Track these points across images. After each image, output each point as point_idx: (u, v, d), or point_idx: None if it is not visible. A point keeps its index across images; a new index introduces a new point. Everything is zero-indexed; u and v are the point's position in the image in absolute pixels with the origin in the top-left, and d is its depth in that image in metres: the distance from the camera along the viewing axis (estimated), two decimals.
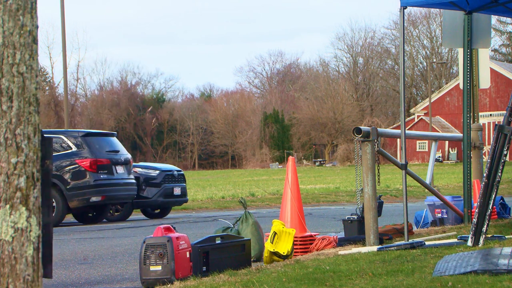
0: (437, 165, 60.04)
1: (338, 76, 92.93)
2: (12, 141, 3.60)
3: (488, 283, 5.25)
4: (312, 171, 60.59)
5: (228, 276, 6.65)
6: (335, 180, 40.17)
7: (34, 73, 3.66)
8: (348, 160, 76.11)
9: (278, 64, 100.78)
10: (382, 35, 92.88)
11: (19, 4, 3.63)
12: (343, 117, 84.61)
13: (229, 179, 48.93)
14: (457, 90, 72.62)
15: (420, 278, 5.72)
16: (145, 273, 7.01)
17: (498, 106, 72.63)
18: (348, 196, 26.41)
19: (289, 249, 7.90)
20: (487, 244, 7.52)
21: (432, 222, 11.41)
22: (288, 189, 8.64)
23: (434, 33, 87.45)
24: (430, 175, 10.86)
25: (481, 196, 7.62)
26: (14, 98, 3.60)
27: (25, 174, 3.61)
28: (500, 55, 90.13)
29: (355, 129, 8.62)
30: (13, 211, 3.59)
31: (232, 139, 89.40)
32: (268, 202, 24.85)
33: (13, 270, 3.58)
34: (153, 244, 7.02)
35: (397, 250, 7.67)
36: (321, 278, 6.05)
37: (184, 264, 7.11)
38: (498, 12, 11.16)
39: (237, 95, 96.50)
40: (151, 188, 18.49)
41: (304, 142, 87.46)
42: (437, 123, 74.16)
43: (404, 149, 9.00)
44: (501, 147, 7.66)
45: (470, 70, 10.64)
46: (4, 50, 3.60)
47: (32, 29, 3.67)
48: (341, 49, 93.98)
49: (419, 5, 9.65)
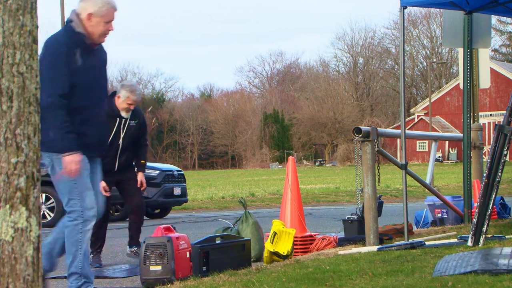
0: (437, 165, 60.05)
1: (338, 76, 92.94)
2: (12, 141, 3.60)
3: (488, 283, 5.25)
4: (312, 171, 60.60)
5: (228, 276, 6.65)
6: (335, 180, 40.17)
7: (34, 73, 3.66)
8: (348, 160, 76.12)
9: (278, 64, 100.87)
10: (382, 35, 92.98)
11: (19, 4, 3.63)
12: (343, 117, 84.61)
13: (229, 179, 48.93)
14: (457, 90, 72.62)
15: (420, 278, 5.72)
16: (145, 273, 7.01)
17: (498, 106, 72.62)
18: (348, 196, 26.41)
19: (289, 249, 7.90)
20: (487, 244, 7.52)
21: (432, 222, 11.41)
22: (288, 189, 8.64)
23: (434, 33, 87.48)
24: (430, 175, 10.86)
25: (481, 196, 7.62)
26: (14, 98, 3.60)
27: (25, 174, 3.61)
28: (500, 55, 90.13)
29: (355, 129, 8.62)
30: (13, 211, 3.59)
31: (232, 139, 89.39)
32: (268, 202, 24.85)
33: (13, 270, 3.57)
34: (153, 244, 7.03)
35: (397, 250, 7.67)
36: (321, 278, 6.06)
37: (184, 264, 7.11)
38: (498, 12, 11.16)
39: (237, 95, 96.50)
40: (151, 188, 18.46)
41: (304, 142, 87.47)
42: (437, 123, 74.16)
43: (404, 149, 9.00)
44: (501, 147, 7.66)
45: (470, 70, 10.64)
46: (4, 50, 3.60)
47: (32, 29, 3.67)
48: (341, 49, 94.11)
49: (419, 5, 9.65)
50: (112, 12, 6.17)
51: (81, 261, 6.07)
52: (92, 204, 6.11)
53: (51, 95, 5.91)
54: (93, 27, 6.10)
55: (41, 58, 5.94)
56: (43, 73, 5.81)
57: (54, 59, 5.96)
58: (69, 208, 6.12)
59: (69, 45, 6.02)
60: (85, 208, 6.08)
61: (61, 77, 5.95)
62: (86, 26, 6.10)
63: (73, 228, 6.09)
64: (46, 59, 5.96)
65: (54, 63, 5.95)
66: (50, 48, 6.02)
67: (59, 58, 5.97)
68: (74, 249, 6.07)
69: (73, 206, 6.09)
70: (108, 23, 6.15)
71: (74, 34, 6.07)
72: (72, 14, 6.15)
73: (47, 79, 5.84)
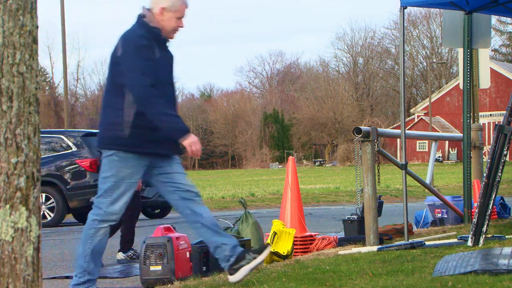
0: (437, 165, 60.04)
1: (338, 76, 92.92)
2: (12, 141, 3.60)
3: (488, 283, 5.25)
4: (312, 171, 60.58)
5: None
6: (335, 180, 40.15)
7: (34, 73, 3.66)
8: (348, 160, 76.11)
9: (278, 64, 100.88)
10: (382, 35, 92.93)
11: (19, 4, 3.63)
12: (343, 117, 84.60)
13: (229, 179, 48.91)
14: (457, 90, 72.62)
15: (420, 278, 5.72)
16: (145, 273, 7.01)
17: (498, 106, 72.62)
18: (348, 196, 26.39)
19: (289, 249, 7.90)
20: (487, 244, 7.52)
21: (432, 222, 11.41)
22: (288, 189, 8.64)
23: (434, 33, 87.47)
24: (430, 175, 10.86)
25: (481, 196, 7.62)
26: (14, 98, 3.60)
27: (25, 174, 3.61)
28: (500, 55, 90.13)
29: (355, 129, 8.62)
30: (13, 211, 3.59)
31: (232, 139, 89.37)
32: (268, 202, 24.83)
33: (13, 270, 3.57)
34: (153, 244, 7.03)
35: (397, 250, 7.67)
36: (321, 278, 6.05)
37: (184, 264, 7.11)
38: (498, 12, 11.15)
39: (237, 95, 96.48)
40: (151, 188, 18.45)
41: (304, 142, 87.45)
42: (437, 123, 74.16)
43: (404, 149, 9.00)
44: (501, 147, 7.66)
45: (470, 70, 10.64)
46: (4, 50, 3.60)
47: (32, 29, 3.67)
48: (341, 49, 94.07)
49: (419, 5, 9.64)
50: (184, 9, 6.13)
51: (88, 257, 6.05)
52: (119, 212, 6.08)
53: (145, 87, 5.86)
54: (165, 22, 6.07)
55: (123, 54, 5.93)
56: (129, 67, 5.84)
57: (138, 52, 5.91)
58: (96, 203, 6.11)
59: (148, 38, 5.98)
60: (109, 212, 6.06)
61: (148, 68, 5.90)
62: (158, 20, 6.06)
63: (90, 222, 6.08)
64: (129, 54, 5.91)
65: (139, 56, 5.90)
66: (131, 42, 5.96)
67: (143, 50, 5.92)
68: (85, 242, 6.06)
69: (100, 204, 6.08)
70: (179, 20, 6.12)
71: (150, 28, 6.04)
72: (144, 10, 6.11)
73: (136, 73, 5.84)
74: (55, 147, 17.28)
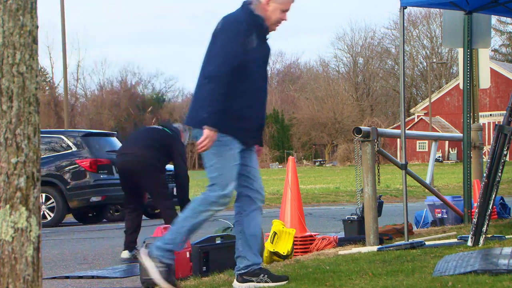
0: (437, 165, 60.03)
1: (338, 76, 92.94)
2: (12, 141, 3.60)
3: (488, 283, 5.25)
4: (312, 171, 60.58)
5: (228, 276, 6.64)
6: (335, 180, 40.15)
7: (34, 73, 3.67)
8: (348, 160, 76.11)
9: (278, 64, 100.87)
10: (382, 35, 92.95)
11: (19, 4, 3.63)
12: (343, 117, 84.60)
13: None
14: (457, 90, 72.61)
15: (420, 278, 5.72)
16: (145, 273, 7.00)
17: (498, 106, 72.62)
18: (348, 196, 26.38)
19: (289, 249, 7.90)
20: (487, 244, 7.52)
21: (432, 222, 11.41)
22: (288, 189, 8.64)
23: (434, 33, 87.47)
24: (430, 175, 10.86)
25: (481, 196, 7.62)
26: (14, 98, 3.60)
27: (25, 174, 3.61)
28: (500, 55, 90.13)
29: (355, 129, 8.62)
30: (13, 211, 3.59)
31: None
32: (268, 202, 24.82)
33: (13, 270, 3.57)
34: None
35: (397, 250, 7.67)
36: (321, 278, 6.06)
37: (184, 264, 7.11)
38: (498, 12, 11.16)
39: None
40: None
41: (304, 142, 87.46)
42: (437, 123, 74.16)
43: (404, 149, 9.00)
44: (501, 147, 7.66)
45: (470, 70, 10.64)
46: (4, 50, 3.61)
47: (32, 29, 3.67)
48: (341, 49, 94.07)
49: (419, 5, 9.64)
50: (290, 2, 6.09)
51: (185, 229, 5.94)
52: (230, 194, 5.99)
53: (220, 69, 5.79)
54: (270, 12, 6.02)
55: (217, 32, 5.91)
56: (217, 46, 5.81)
57: (231, 36, 5.86)
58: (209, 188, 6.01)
59: (249, 24, 5.94)
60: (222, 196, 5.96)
61: (234, 54, 5.83)
62: (264, 10, 6.02)
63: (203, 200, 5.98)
64: (223, 34, 5.88)
65: (230, 39, 5.85)
66: (230, 24, 5.92)
67: (237, 35, 5.87)
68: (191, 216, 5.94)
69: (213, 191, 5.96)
70: (284, 12, 6.07)
71: (254, 16, 6.00)
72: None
73: (220, 53, 5.80)
74: (55, 147, 17.29)
